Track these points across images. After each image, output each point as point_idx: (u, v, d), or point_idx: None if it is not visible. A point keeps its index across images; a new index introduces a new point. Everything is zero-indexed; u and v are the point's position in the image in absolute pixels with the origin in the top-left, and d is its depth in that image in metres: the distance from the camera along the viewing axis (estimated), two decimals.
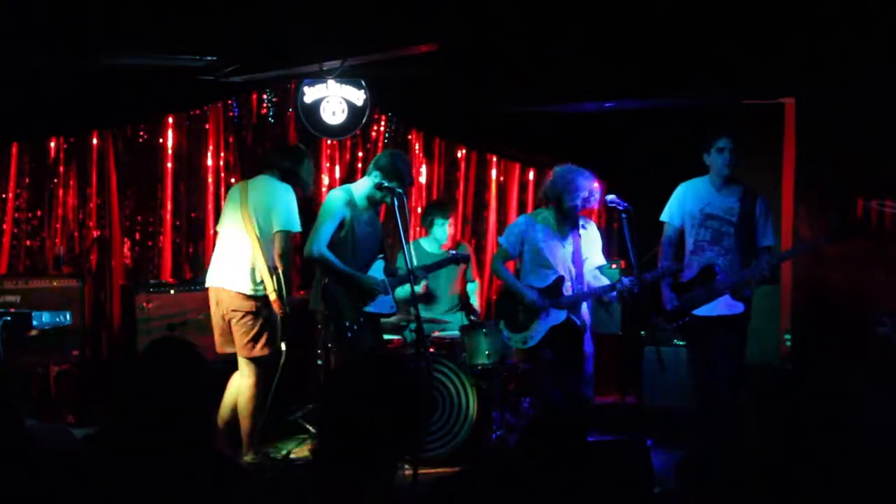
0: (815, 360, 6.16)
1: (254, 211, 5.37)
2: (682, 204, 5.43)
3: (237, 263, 5.36)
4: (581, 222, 5.47)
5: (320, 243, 5.21)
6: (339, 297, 5.26)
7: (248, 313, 5.33)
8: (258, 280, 5.33)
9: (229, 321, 5.37)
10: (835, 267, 6.25)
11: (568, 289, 5.35)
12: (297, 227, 5.37)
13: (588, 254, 5.45)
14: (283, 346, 5.41)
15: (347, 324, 5.24)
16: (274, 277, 5.29)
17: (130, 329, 6.09)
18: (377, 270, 5.44)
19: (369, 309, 5.36)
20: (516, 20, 5.37)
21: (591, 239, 5.50)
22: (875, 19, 5.29)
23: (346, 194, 5.35)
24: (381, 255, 5.50)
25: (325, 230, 5.24)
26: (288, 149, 5.86)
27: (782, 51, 5.76)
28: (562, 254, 5.38)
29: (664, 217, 5.50)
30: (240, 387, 5.38)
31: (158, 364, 2.64)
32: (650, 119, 7.32)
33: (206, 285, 5.50)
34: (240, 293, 5.33)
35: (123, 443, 2.51)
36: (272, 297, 5.28)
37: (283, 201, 5.35)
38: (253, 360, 5.35)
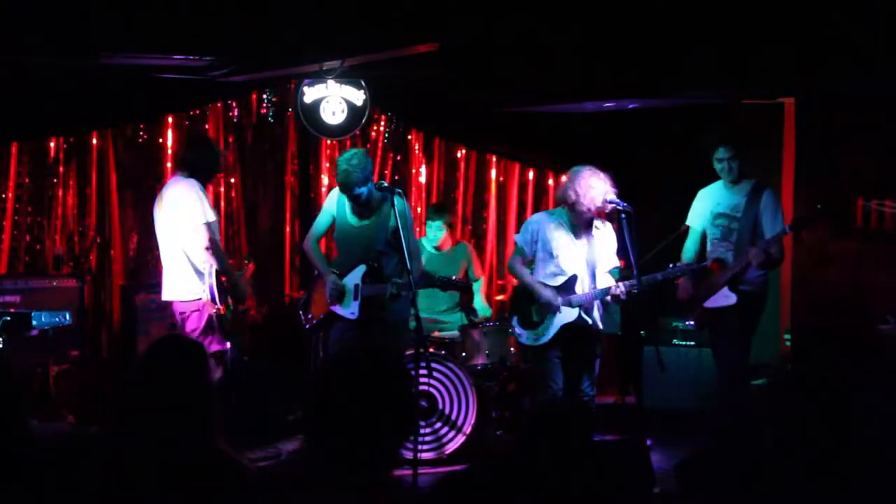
0: (815, 360, 6.16)
1: (170, 216, 5.26)
2: (699, 207, 5.62)
3: (172, 272, 5.28)
4: (596, 223, 5.45)
5: (309, 238, 5.54)
6: (312, 288, 5.54)
7: (193, 312, 5.23)
8: (192, 282, 5.23)
9: (182, 326, 5.30)
10: (835, 266, 6.25)
11: (580, 288, 5.34)
12: (211, 216, 5.21)
13: (601, 255, 5.43)
14: (228, 345, 5.34)
15: (310, 316, 5.47)
16: (206, 278, 5.19)
17: (130, 329, 6.09)
18: (356, 275, 5.35)
19: (334, 309, 5.37)
20: (516, 20, 5.37)
21: (605, 240, 5.47)
22: (875, 19, 5.30)
23: (336, 192, 5.47)
24: (371, 261, 5.32)
25: (316, 225, 5.56)
26: (189, 141, 5.78)
27: (782, 51, 5.76)
28: (575, 253, 5.36)
29: (688, 221, 5.68)
30: None
31: (161, 361, 2.64)
32: (650, 119, 7.32)
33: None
34: (182, 300, 5.24)
35: (125, 441, 2.51)
36: (204, 297, 5.19)
37: (188, 197, 5.19)
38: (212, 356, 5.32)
